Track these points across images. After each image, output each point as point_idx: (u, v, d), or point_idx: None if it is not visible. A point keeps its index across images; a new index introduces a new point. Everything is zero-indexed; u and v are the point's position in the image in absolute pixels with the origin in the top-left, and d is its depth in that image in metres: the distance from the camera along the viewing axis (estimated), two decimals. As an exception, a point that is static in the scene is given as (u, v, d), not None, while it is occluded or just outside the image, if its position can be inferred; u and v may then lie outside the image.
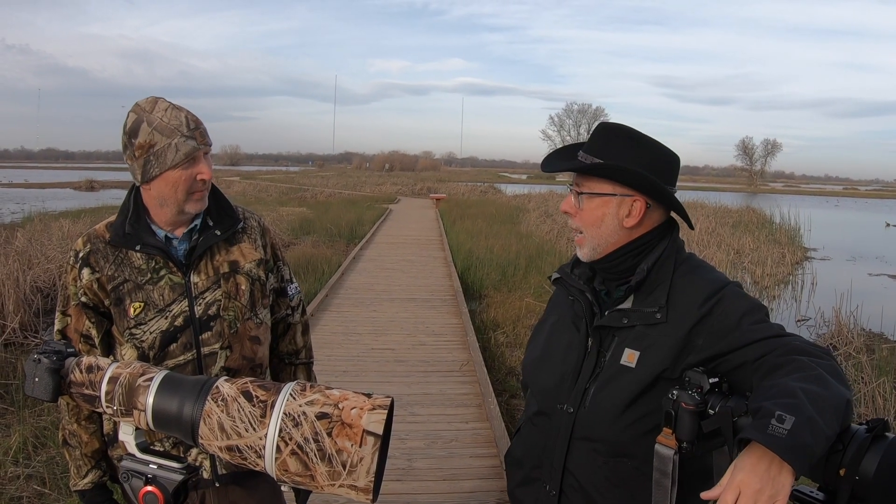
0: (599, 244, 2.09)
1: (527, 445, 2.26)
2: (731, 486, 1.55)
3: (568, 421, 2.08)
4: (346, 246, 21.60)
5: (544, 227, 26.66)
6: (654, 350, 1.97)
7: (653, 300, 2.03)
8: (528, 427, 2.26)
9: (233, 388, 1.53)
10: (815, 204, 63.76)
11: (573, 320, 2.19)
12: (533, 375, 2.27)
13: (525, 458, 2.25)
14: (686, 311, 1.98)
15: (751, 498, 1.52)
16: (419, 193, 56.21)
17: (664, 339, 1.97)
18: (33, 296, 12.26)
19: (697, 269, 2.10)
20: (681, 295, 2.02)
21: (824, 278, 19.43)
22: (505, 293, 14.02)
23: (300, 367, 2.86)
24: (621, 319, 2.05)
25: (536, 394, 2.24)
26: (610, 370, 2.03)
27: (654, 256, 2.07)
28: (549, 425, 2.14)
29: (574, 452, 2.08)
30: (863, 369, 8.91)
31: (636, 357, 1.99)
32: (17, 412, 7.08)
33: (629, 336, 2.03)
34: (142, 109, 2.31)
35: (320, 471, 1.44)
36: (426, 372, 8.51)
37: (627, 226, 2.06)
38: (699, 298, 1.99)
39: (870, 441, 1.55)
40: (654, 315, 2.01)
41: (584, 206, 2.09)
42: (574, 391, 2.08)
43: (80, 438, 2.50)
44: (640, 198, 2.05)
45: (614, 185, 2.05)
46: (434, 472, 5.72)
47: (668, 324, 1.99)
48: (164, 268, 2.42)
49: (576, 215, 2.12)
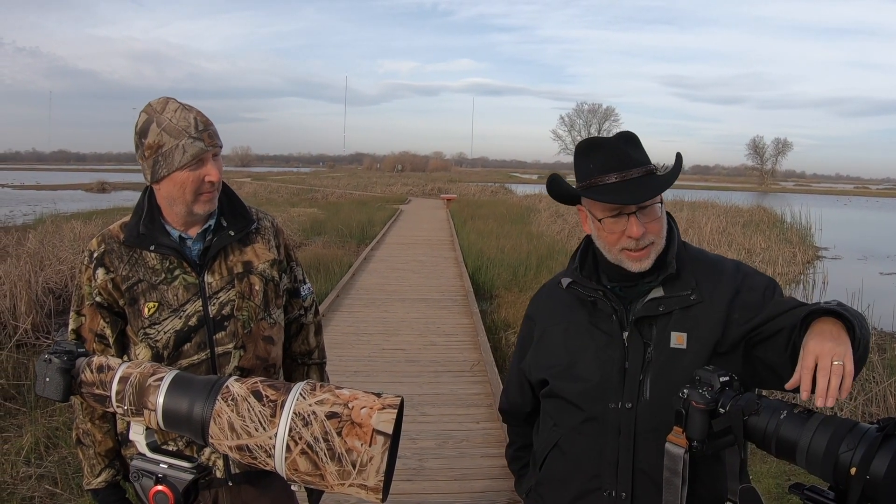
0: (661, 247, 2.14)
1: (574, 458, 2.19)
2: (808, 354, 1.67)
3: (629, 418, 2.08)
4: (357, 246, 21.63)
5: (555, 227, 26.66)
6: (701, 328, 2.06)
7: (683, 284, 2.12)
8: (574, 438, 2.19)
9: (243, 388, 1.53)
10: (826, 203, 63.53)
11: (591, 322, 2.20)
12: (564, 385, 2.21)
13: (574, 472, 2.19)
14: (715, 289, 2.10)
15: (827, 356, 1.64)
16: (430, 194, 56.27)
17: (706, 316, 2.07)
18: (45, 297, 12.33)
19: (703, 252, 2.29)
20: (703, 276, 2.14)
21: (836, 277, 19.38)
22: (516, 293, 13.99)
23: (313, 367, 2.87)
24: (657, 307, 2.10)
25: (577, 400, 2.18)
26: (661, 356, 2.07)
27: (675, 244, 2.17)
28: (604, 428, 2.11)
29: (642, 448, 2.07)
30: (874, 368, 8.86)
31: (685, 338, 2.07)
32: (29, 412, 7.13)
33: (669, 322, 2.10)
34: (153, 110, 2.33)
35: (330, 470, 1.44)
36: (437, 372, 8.53)
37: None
38: (723, 276, 2.14)
39: (881, 440, 1.55)
40: (688, 297, 2.10)
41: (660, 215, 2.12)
42: (626, 386, 2.09)
43: (93, 437, 2.51)
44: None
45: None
46: (445, 472, 5.73)
47: (704, 302, 2.09)
48: (179, 268, 2.43)
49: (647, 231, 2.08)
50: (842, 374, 1.61)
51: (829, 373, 1.61)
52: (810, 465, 1.62)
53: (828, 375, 1.61)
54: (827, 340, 1.67)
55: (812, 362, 1.64)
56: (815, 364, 1.64)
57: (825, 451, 1.59)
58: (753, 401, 1.73)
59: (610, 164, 2.09)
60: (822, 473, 1.61)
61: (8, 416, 7.29)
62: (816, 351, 1.65)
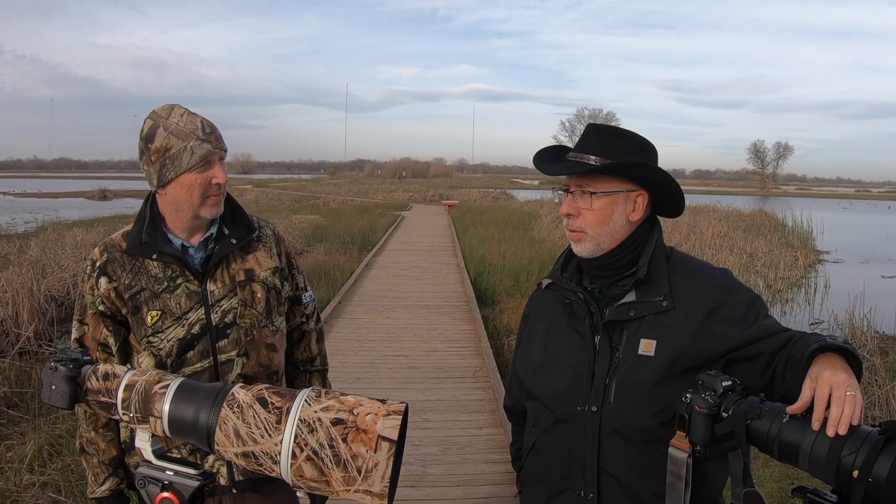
0: (604, 241, 2.12)
1: (548, 458, 2.23)
2: (822, 384, 1.67)
3: (594, 420, 2.09)
4: (359, 253, 21.62)
5: (556, 233, 26.61)
6: (671, 336, 2.04)
7: (656, 289, 2.10)
8: (546, 439, 2.24)
9: (248, 395, 1.54)
10: (827, 206, 63.50)
11: (569, 323, 2.21)
12: (538, 386, 2.26)
13: (548, 472, 2.23)
14: (695, 298, 2.08)
15: (842, 386, 1.64)
16: (431, 200, 56.21)
17: (678, 325, 2.05)
18: (47, 305, 12.33)
19: (689, 259, 2.25)
20: (683, 283, 2.11)
21: (837, 281, 19.33)
22: (518, 299, 13.96)
23: (315, 374, 2.87)
24: (627, 312, 2.09)
25: (549, 403, 2.21)
26: (628, 362, 2.07)
27: (650, 249, 2.14)
28: (572, 430, 2.13)
29: (606, 450, 2.08)
30: (877, 372, 8.87)
31: (654, 345, 2.05)
32: (33, 420, 7.12)
33: (640, 327, 2.08)
34: (158, 116, 2.35)
35: (335, 476, 1.45)
36: (440, 378, 8.52)
37: (633, 220, 2.14)
38: (703, 285, 2.11)
39: (883, 443, 1.55)
40: (660, 303, 2.08)
41: (594, 206, 2.11)
42: (593, 390, 2.10)
43: (97, 446, 2.51)
44: (643, 192, 2.14)
45: (621, 182, 2.11)
46: (448, 478, 5.73)
47: (678, 310, 2.07)
48: (181, 276, 2.44)
49: (579, 216, 2.14)
50: (854, 405, 1.61)
51: (843, 402, 1.61)
52: (813, 469, 1.63)
53: (842, 405, 1.61)
54: (840, 371, 1.68)
55: (827, 392, 1.64)
56: (830, 394, 1.64)
57: (828, 454, 1.59)
58: (756, 405, 1.74)
59: (579, 144, 2.18)
60: (824, 476, 1.61)
61: (11, 424, 7.29)
62: (832, 381, 1.65)
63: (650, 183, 2.13)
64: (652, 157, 2.17)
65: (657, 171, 2.12)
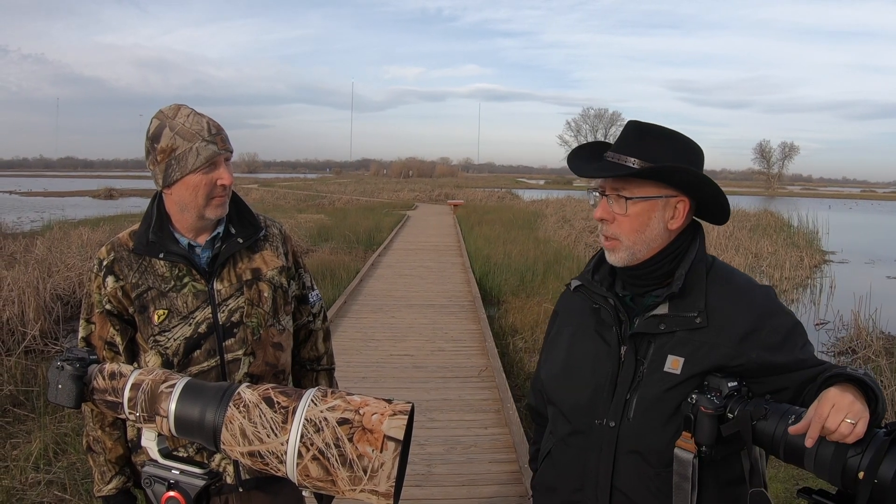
0: (640, 249, 1.99)
1: (562, 469, 2.13)
2: (826, 401, 1.62)
3: (611, 436, 1.98)
4: (365, 252, 21.60)
5: (562, 233, 26.62)
6: (701, 355, 1.91)
7: (690, 304, 1.97)
8: (561, 449, 2.14)
9: (254, 395, 1.54)
10: (832, 207, 63.38)
11: (597, 329, 2.10)
12: (558, 393, 2.16)
13: (561, 482, 2.13)
14: (731, 318, 1.94)
15: (844, 410, 1.59)
16: (437, 199, 56.21)
17: (710, 345, 1.92)
18: (53, 303, 12.35)
19: (731, 273, 2.08)
20: (719, 300, 1.97)
21: (843, 281, 19.30)
22: (523, 299, 13.96)
23: (322, 373, 2.88)
24: (658, 325, 1.97)
25: (567, 412, 2.11)
26: (652, 378, 1.95)
27: (689, 260, 2.00)
28: (588, 443, 2.03)
29: (621, 468, 1.98)
30: (882, 373, 8.86)
31: (681, 363, 1.92)
32: (38, 418, 7.13)
33: (669, 342, 1.96)
34: (164, 115, 2.35)
35: (341, 476, 1.45)
36: (445, 378, 8.53)
37: (672, 228, 2.00)
38: (743, 305, 1.96)
39: (889, 445, 1.55)
40: (693, 320, 1.94)
41: (629, 211, 1.98)
42: (613, 404, 1.99)
43: (104, 444, 2.52)
44: (685, 198, 2.00)
45: (660, 186, 1.98)
46: (453, 478, 5.73)
47: (711, 329, 1.93)
48: (188, 275, 2.44)
49: (613, 221, 2.01)
50: (849, 433, 1.57)
51: (837, 425, 1.58)
52: (818, 470, 1.63)
53: (840, 421, 1.58)
54: (849, 394, 1.62)
55: (827, 411, 1.59)
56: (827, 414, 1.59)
57: (833, 455, 1.59)
58: (762, 406, 1.74)
59: (618, 143, 2.04)
60: (830, 478, 1.61)
61: (17, 422, 7.30)
62: (836, 401, 1.60)
63: (692, 189, 2.00)
64: (697, 160, 2.02)
65: (701, 177, 1.98)
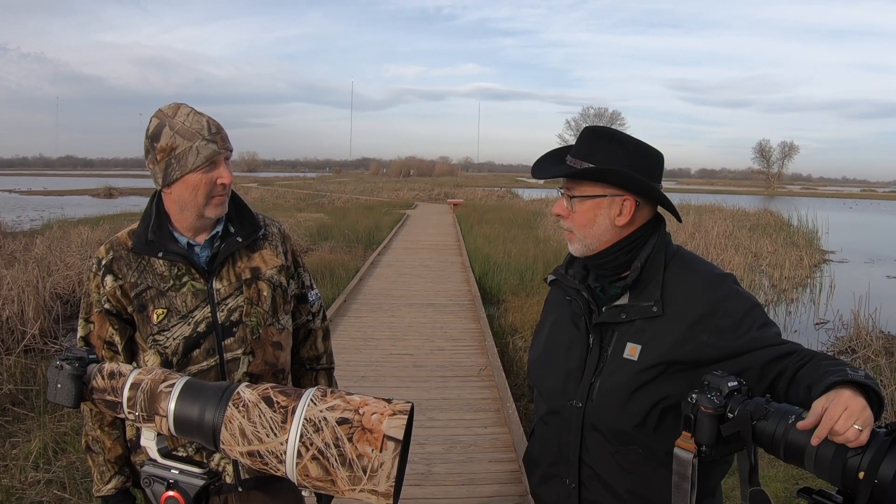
0: (591, 243, 2.17)
1: (542, 445, 2.33)
2: (839, 403, 1.62)
3: (578, 415, 2.16)
4: (364, 251, 21.60)
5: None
6: (656, 343, 2.06)
7: (648, 294, 2.12)
8: (541, 427, 2.34)
9: (254, 394, 1.54)
10: (832, 206, 63.43)
11: (572, 319, 2.27)
12: (538, 376, 2.35)
13: (541, 457, 2.33)
14: (685, 305, 2.08)
15: (856, 414, 1.60)
16: (436, 199, 56.15)
17: (664, 332, 2.06)
18: (53, 302, 12.35)
19: (691, 263, 2.21)
20: (677, 288, 2.11)
21: (842, 281, 19.29)
22: (523, 297, 13.95)
23: (321, 372, 2.88)
24: (619, 315, 2.13)
25: (544, 393, 2.31)
26: (613, 364, 2.12)
27: (646, 252, 2.16)
28: (561, 422, 2.22)
29: (587, 444, 2.16)
30: (882, 372, 8.86)
31: (638, 350, 2.08)
32: (38, 417, 7.14)
33: (629, 330, 2.11)
34: (164, 114, 2.35)
35: (341, 476, 1.45)
36: (444, 377, 8.53)
37: (619, 224, 2.14)
38: (698, 292, 2.09)
39: (889, 445, 1.55)
40: (650, 309, 2.10)
41: (577, 209, 2.17)
42: (580, 386, 2.17)
43: (103, 444, 2.52)
44: (630, 197, 2.13)
45: (604, 186, 2.13)
46: (453, 477, 5.73)
47: (666, 317, 2.08)
48: (187, 274, 2.44)
49: (568, 217, 2.19)
50: (854, 438, 1.58)
51: (846, 430, 1.58)
52: (819, 470, 1.63)
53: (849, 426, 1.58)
54: (861, 399, 1.63)
55: (839, 412, 1.60)
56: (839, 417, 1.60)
57: (833, 455, 1.59)
58: (762, 405, 1.73)
59: (574, 148, 2.22)
60: (830, 477, 1.61)
61: (16, 421, 7.31)
62: (848, 404, 1.61)
63: (633, 189, 2.12)
64: (648, 164, 2.16)
65: (633, 178, 2.10)
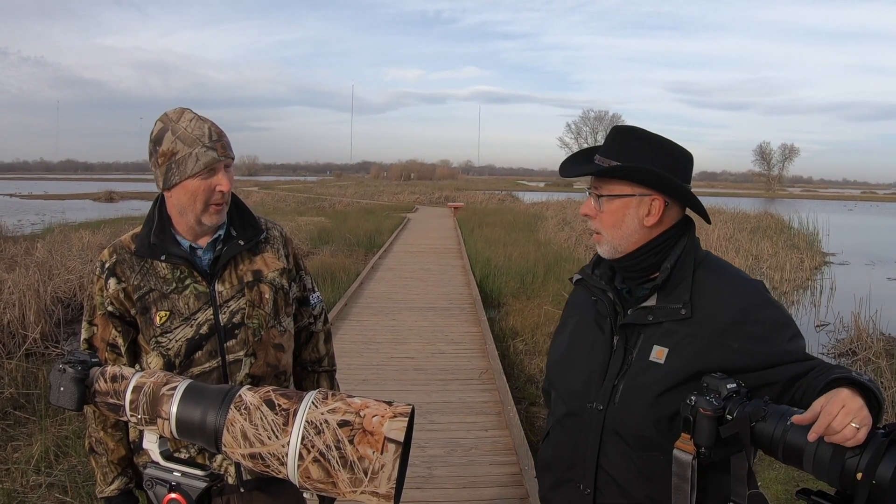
0: (620, 244, 2.12)
1: (557, 448, 2.26)
2: (837, 401, 1.63)
3: (598, 418, 2.10)
4: (365, 255, 21.62)
5: (562, 235, 26.62)
6: (684, 346, 2.01)
7: (676, 296, 2.07)
8: (558, 429, 2.26)
9: (255, 397, 1.55)
10: (833, 208, 63.41)
11: (596, 320, 2.22)
12: (558, 377, 2.30)
13: (556, 460, 2.26)
14: (716, 309, 2.03)
15: (853, 412, 1.60)
16: (437, 202, 56.15)
17: (694, 336, 2.02)
18: (54, 306, 12.35)
19: (721, 268, 2.17)
20: (707, 292, 2.06)
21: (843, 283, 19.27)
22: (524, 301, 13.98)
23: (323, 374, 2.88)
24: (646, 317, 2.08)
25: (563, 395, 2.25)
26: (638, 366, 2.06)
27: (676, 254, 2.11)
28: (579, 425, 2.15)
29: (606, 449, 2.10)
30: (882, 374, 8.86)
31: (665, 353, 2.03)
32: (39, 421, 7.14)
33: (656, 333, 2.06)
34: (168, 119, 2.37)
35: (342, 478, 1.46)
36: (445, 380, 8.52)
37: (647, 224, 2.10)
38: (728, 297, 2.05)
39: (887, 445, 1.56)
40: (678, 311, 2.04)
41: (605, 209, 2.13)
42: (602, 389, 2.11)
43: (106, 446, 2.53)
44: (659, 196, 2.09)
45: (633, 185, 2.09)
46: (454, 480, 5.73)
47: (695, 320, 2.03)
48: (189, 277, 2.46)
49: (596, 217, 2.15)
50: (852, 437, 1.59)
51: (843, 427, 1.59)
52: (817, 471, 1.63)
53: (846, 424, 1.59)
54: (859, 398, 1.65)
55: (837, 409, 1.61)
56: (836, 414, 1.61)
57: (832, 456, 1.60)
58: (760, 407, 1.74)
59: (602, 147, 2.19)
60: (828, 479, 1.62)
61: (18, 425, 7.31)
62: (846, 402, 1.62)
63: (662, 188, 2.08)
64: (677, 163, 2.13)
65: (662, 176, 2.06)
